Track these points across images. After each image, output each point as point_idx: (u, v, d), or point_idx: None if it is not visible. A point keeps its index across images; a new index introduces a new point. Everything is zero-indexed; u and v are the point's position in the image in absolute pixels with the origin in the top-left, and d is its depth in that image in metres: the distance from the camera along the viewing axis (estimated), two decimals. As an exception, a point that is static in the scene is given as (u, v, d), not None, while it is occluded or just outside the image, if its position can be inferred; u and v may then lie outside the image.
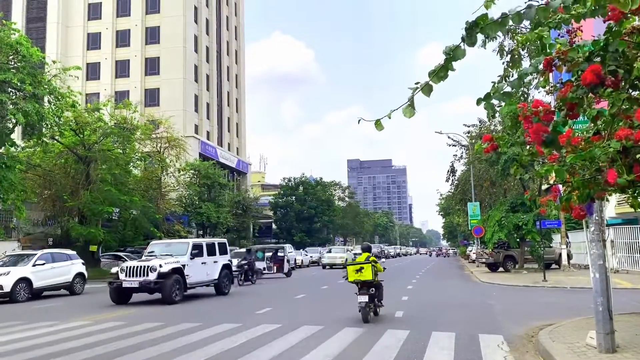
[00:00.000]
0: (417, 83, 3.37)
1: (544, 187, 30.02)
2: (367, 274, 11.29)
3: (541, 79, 4.29)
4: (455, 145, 40.26)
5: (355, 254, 56.77)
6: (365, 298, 11.21)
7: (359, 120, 3.40)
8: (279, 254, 30.80)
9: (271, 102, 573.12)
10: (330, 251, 45.36)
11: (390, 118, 3.36)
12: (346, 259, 40.77)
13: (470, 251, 50.89)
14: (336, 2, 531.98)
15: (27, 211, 27.83)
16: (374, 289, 11.53)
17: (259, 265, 28.19)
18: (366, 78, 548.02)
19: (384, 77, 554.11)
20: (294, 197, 67.38)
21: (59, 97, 24.46)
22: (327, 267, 41.66)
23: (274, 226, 67.44)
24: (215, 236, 48.62)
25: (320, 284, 24.01)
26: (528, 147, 4.46)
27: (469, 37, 3.25)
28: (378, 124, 3.41)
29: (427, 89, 3.34)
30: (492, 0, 3.23)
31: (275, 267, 29.84)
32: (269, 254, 30.60)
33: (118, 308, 15.04)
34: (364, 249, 12.35)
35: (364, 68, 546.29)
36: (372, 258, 11.72)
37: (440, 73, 3.32)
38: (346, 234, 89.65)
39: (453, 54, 3.27)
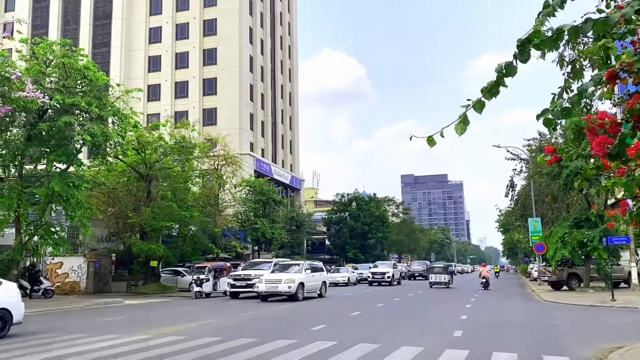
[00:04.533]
0: (469, 100, 3.37)
1: (610, 201, 28.69)
2: None
3: (605, 89, 4.13)
4: (514, 159, 39.16)
5: (409, 269, 58.02)
6: None
7: (411, 138, 3.46)
8: (450, 269, 40.44)
9: (323, 119, 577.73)
10: (376, 266, 43.78)
11: (443, 137, 3.38)
12: (392, 275, 40.29)
13: (532, 269, 49.11)
14: (388, 17, 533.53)
15: (92, 228, 29.04)
16: None
17: (447, 278, 36.23)
18: (419, 92, 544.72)
19: (437, 91, 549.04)
20: (347, 214, 67.25)
21: (122, 118, 25.55)
22: (375, 283, 40.92)
23: (327, 242, 67.47)
24: (269, 252, 49.14)
25: (374, 302, 23.74)
26: (593, 160, 4.29)
27: (522, 54, 3.22)
28: (430, 140, 3.44)
29: (479, 106, 3.34)
30: (542, 22, 3.17)
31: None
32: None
33: (180, 322, 15.38)
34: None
35: (416, 82, 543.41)
36: None
37: (492, 90, 3.32)
38: (401, 251, 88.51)
39: (505, 71, 3.27)
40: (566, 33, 3.18)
